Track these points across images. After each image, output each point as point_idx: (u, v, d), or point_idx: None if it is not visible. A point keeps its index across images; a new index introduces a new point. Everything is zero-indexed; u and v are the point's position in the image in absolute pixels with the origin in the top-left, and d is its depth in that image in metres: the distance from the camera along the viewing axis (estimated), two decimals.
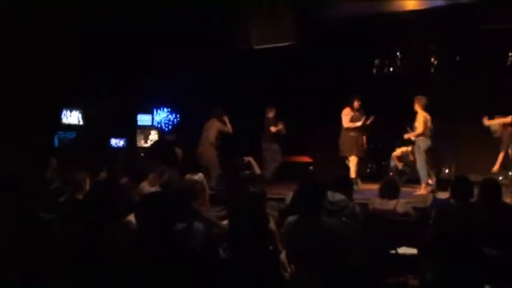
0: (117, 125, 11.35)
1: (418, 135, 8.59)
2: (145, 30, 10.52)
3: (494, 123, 8.98)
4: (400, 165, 9.23)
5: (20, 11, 8.87)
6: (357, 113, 9.13)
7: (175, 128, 12.24)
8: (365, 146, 9.37)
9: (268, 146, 10.14)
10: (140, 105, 11.78)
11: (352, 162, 9.11)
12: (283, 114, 10.24)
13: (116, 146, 11.47)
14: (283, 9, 10.12)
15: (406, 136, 8.80)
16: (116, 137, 11.45)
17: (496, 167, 8.83)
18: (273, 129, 10.04)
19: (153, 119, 12.00)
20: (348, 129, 9.11)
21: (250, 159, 7.39)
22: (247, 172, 7.05)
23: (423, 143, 8.67)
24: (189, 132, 10.93)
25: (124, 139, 11.58)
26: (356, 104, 9.12)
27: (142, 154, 11.22)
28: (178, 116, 12.31)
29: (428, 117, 8.62)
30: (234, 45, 10.50)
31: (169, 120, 12.25)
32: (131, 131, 11.70)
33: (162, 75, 10.95)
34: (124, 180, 6.75)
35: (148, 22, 10.39)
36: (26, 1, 8.99)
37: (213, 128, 9.43)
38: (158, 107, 12.13)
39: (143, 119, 11.88)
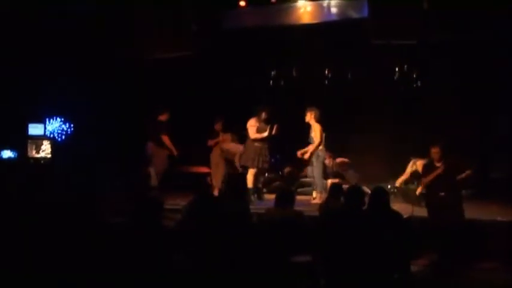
0: (6, 134, 10.81)
1: (317, 146, 8.89)
2: (36, 36, 10.16)
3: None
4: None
5: None
6: (262, 124, 9.09)
7: (70, 137, 11.82)
8: (268, 157, 9.38)
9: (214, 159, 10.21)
10: (31, 114, 11.28)
11: (251, 173, 9.11)
12: (182, 124, 10.16)
13: (4, 157, 10.94)
14: (184, 19, 10.10)
15: (301, 154, 9.08)
16: (5, 147, 10.91)
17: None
18: (210, 142, 10.08)
19: (45, 128, 11.51)
20: (253, 140, 9.09)
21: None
22: None
23: (322, 153, 9.00)
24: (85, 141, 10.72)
25: (14, 149, 11.06)
26: (263, 115, 9.11)
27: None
28: (72, 125, 11.89)
29: (321, 128, 8.94)
30: (128, 54, 10.35)
31: (62, 129, 11.80)
32: (22, 141, 11.17)
33: (54, 84, 10.57)
34: None
35: (40, 28, 10.05)
36: None
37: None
38: (51, 116, 11.65)
39: (35, 129, 11.36)
